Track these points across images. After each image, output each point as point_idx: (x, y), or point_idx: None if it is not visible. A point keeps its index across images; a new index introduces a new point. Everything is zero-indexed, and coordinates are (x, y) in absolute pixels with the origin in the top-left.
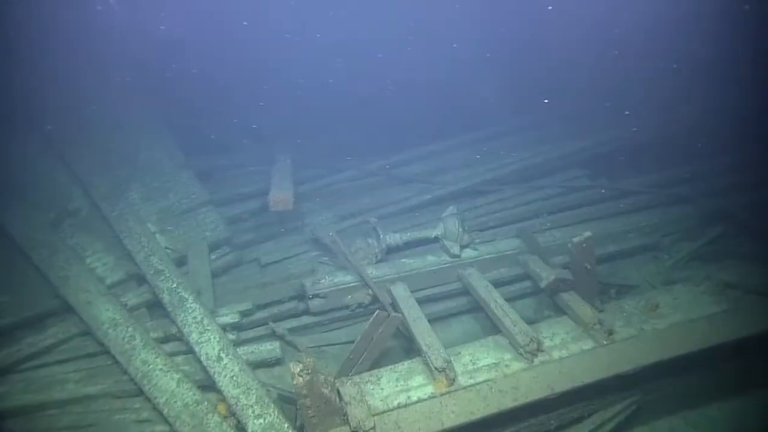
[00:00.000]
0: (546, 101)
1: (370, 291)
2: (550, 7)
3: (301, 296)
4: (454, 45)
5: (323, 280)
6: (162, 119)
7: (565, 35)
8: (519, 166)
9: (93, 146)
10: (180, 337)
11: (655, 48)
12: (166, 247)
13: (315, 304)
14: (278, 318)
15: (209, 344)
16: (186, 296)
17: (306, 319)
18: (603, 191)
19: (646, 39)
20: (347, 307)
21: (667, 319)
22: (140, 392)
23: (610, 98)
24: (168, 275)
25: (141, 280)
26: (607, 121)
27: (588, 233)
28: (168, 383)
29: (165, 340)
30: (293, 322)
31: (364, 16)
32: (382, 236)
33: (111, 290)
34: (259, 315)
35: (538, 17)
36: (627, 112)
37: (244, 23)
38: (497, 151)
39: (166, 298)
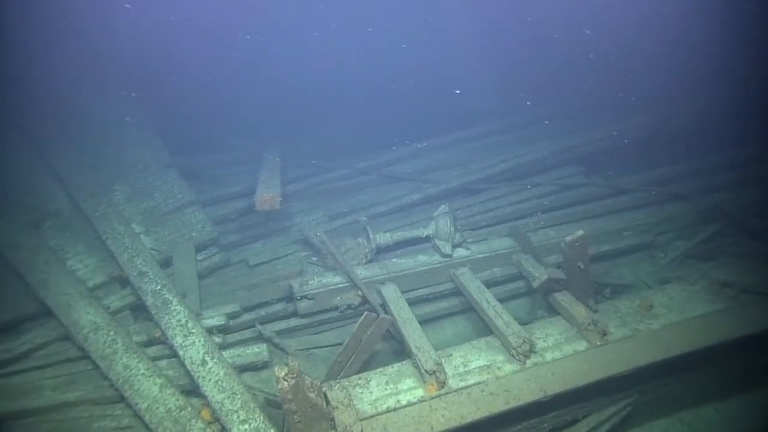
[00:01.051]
0: (528, 103)
1: (359, 292)
2: None
3: (289, 298)
4: (460, 53)
5: (312, 281)
6: (148, 117)
7: (565, 32)
8: (512, 164)
9: (76, 145)
10: (164, 341)
11: (656, 46)
12: (151, 248)
13: (303, 305)
14: (266, 320)
15: (194, 348)
16: (170, 298)
17: (294, 321)
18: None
19: (648, 38)
20: (336, 308)
21: (662, 319)
22: (121, 398)
23: (608, 95)
24: (152, 277)
25: (124, 282)
26: (604, 118)
27: (581, 232)
28: (150, 388)
29: (148, 343)
30: (281, 324)
31: (356, 16)
32: (372, 236)
33: (93, 293)
34: (246, 317)
35: (538, 15)
36: (625, 108)
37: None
38: (490, 149)
39: (149, 300)
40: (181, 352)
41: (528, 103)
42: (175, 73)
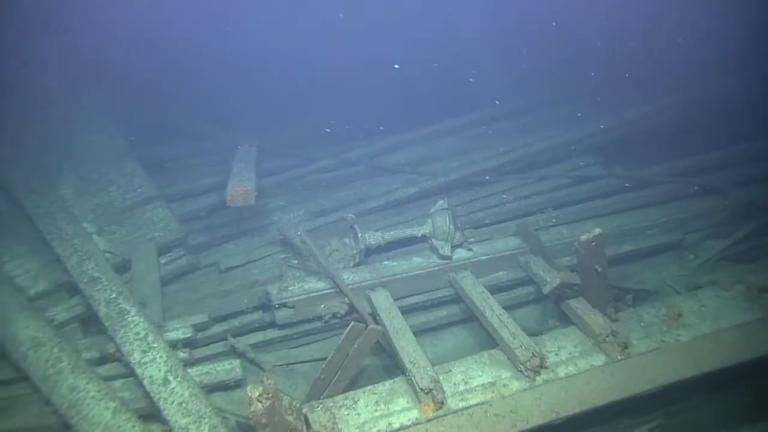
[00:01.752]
0: (471, 79)
1: (346, 299)
2: None
3: (266, 306)
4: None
5: (292, 287)
6: (104, 101)
7: (580, 7)
8: (521, 154)
9: (14, 130)
10: (119, 358)
11: (684, 18)
12: (104, 251)
13: (282, 315)
14: (239, 332)
15: (154, 365)
16: (127, 308)
17: (271, 333)
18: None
19: (675, 8)
20: (320, 318)
21: (692, 329)
22: (67, 426)
23: (629, 72)
24: (106, 284)
25: (73, 290)
26: (625, 101)
27: (598, 230)
28: (101, 414)
29: (100, 361)
30: (257, 337)
31: None
32: (360, 235)
33: (34, 303)
34: (217, 329)
35: None
36: (649, 89)
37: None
38: (496, 136)
39: (102, 310)
40: (139, 371)
41: (471, 79)
42: (140, 53)
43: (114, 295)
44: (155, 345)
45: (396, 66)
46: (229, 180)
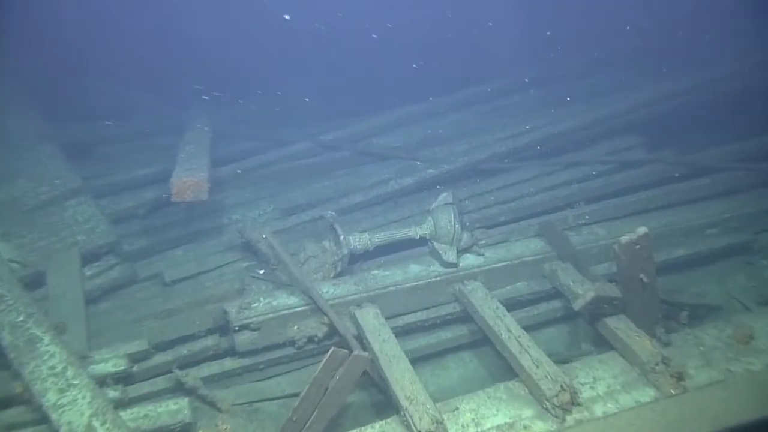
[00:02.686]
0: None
1: (325, 318)
2: None
3: (224, 328)
4: None
5: (256, 305)
6: (14, 68)
7: None
8: (543, 134)
9: None
10: (28, 399)
11: None
12: (9, 260)
13: (244, 339)
14: (189, 362)
15: (75, 407)
16: (39, 334)
17: (230, 363)
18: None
19: None
20: (292, 342)
21: (766, 356)
22: None
23: (681, 33)
24: (11, 303)
25: None
26: (675, 66)
27: (643, 229)
28: None
29: (3, 404)
30: (212, 368)
31: None
32: (343, 238)
33: None
34: (160, 358)
35: None
36: (706, 51)
37: None
38: (512, 112)
39: (6, 338)
40: (54, 416)
41: (374, 36)
42: (65, 10)
43: (21, 318)
44: (76, 382)
45: (286, 16)
46: (174, 168)
